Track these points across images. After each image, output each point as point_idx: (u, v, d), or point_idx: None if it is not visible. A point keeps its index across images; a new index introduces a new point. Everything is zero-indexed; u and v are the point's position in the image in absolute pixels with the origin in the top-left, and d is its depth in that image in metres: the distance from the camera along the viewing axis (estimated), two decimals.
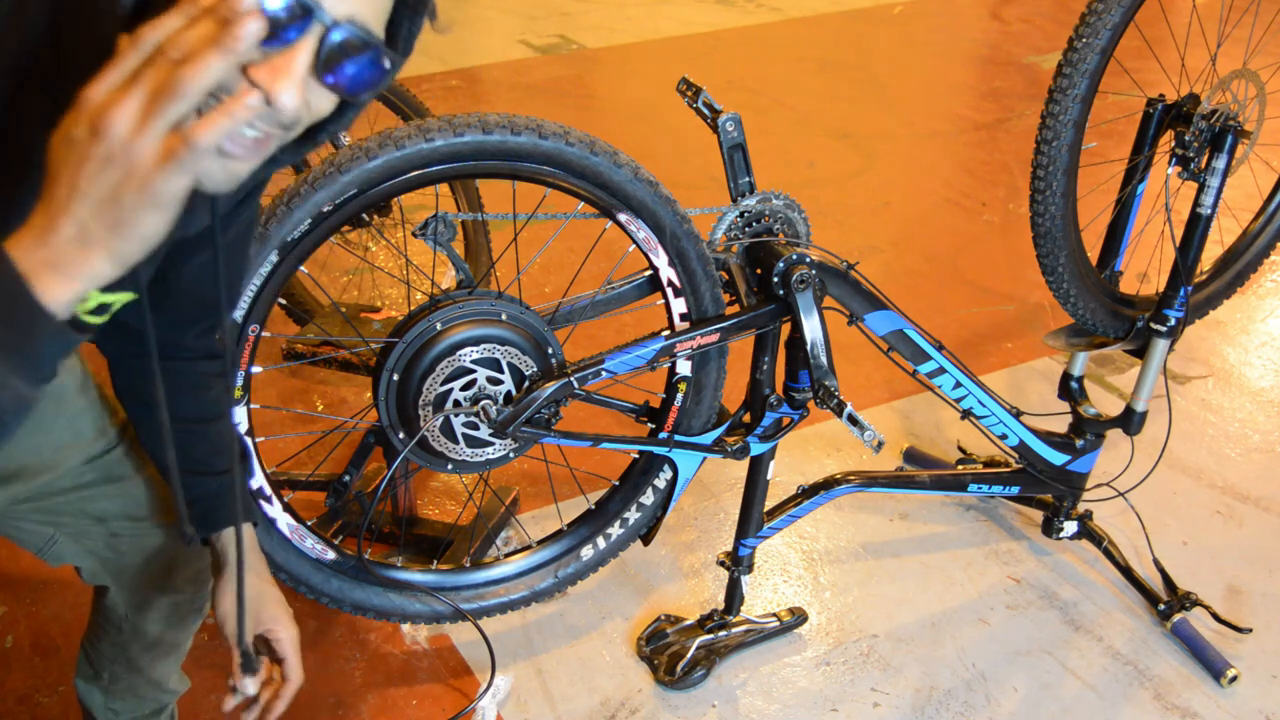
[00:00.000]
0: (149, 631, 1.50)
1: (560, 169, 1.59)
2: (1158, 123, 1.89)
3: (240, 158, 0.89)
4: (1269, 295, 3.23)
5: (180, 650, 1.59)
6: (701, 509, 2.31)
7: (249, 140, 0.89)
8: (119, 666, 1.54)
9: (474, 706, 1.83)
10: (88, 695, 1.59)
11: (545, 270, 3.08)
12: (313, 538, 1.78)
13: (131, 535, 1.40)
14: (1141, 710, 1.89)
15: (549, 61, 4.99)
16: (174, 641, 1.55)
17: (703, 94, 1.72)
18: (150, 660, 1.54)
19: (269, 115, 0.89)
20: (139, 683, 1.57)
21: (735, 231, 1.74)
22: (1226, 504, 2.38)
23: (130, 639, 1.51)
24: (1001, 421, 1.96)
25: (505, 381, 1.63)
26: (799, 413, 1.81)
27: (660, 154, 3.74)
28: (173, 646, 1.56)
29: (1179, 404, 2.68)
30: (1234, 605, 2.11)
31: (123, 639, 1.51)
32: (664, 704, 1.87)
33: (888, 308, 1.79)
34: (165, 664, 1.57)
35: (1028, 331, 2.99)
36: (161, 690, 1.60)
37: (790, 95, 4.63)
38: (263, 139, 0.90)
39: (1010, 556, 2.21)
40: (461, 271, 1.66)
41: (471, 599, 1.90)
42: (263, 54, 0.87)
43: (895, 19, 5.81)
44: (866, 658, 1.97)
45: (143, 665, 1.54)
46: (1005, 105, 4.57)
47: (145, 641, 1.52)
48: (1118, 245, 2.02)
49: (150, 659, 1.54)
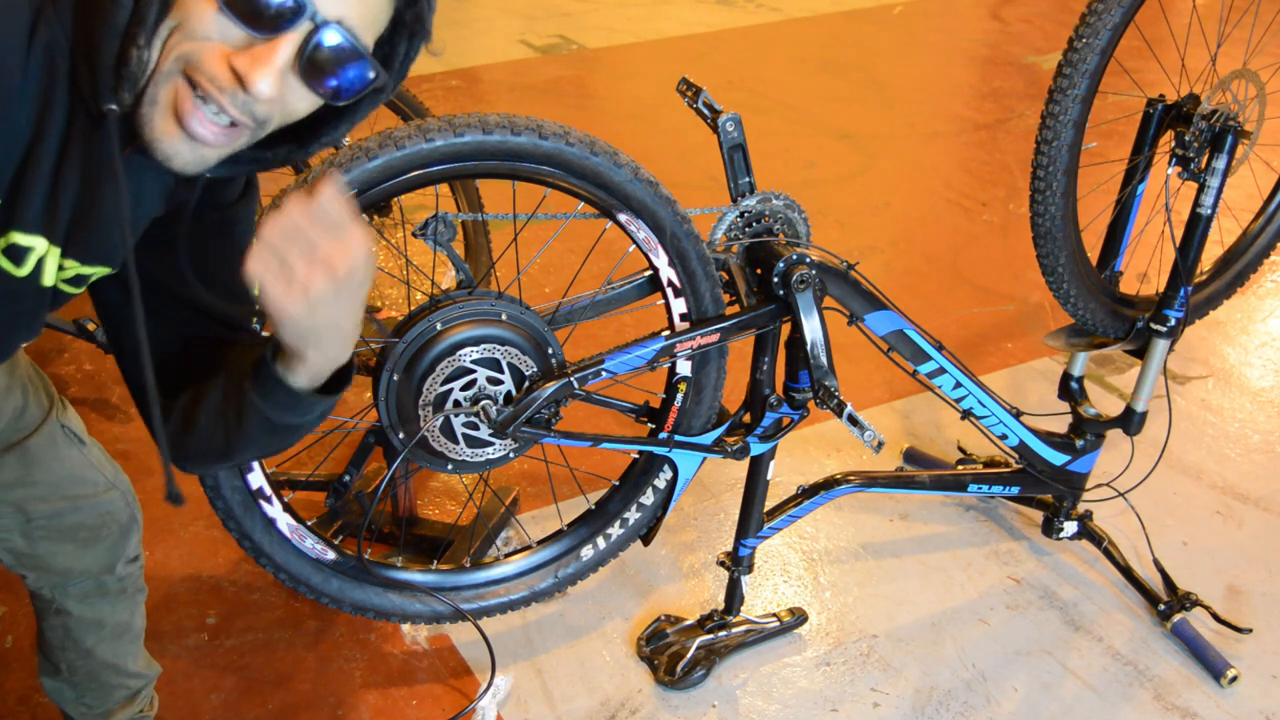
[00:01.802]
0: (82, 613, 1.49)
1: (560, 169, 1.59)
2: (1158, 123, 1.89)
3: (210, 143, 0.93)
4: (1269, 295, 3.23)
5: (131, 630, 1.57)
6: (701, 509, 2.31)
7: (219, 127, 0.92)
8: (70, 654, 1.53)
9: (474, 706, 1.83)
10: (58, 694, 1.59)
11: (545, 270, 3.08)
12: (313, 538, 1.78)
13: (47, 519, 1.39)
14: (1141, 710, 1.89)
15: (549, 62, 4.99)
16: (117, 621, 1.54)
17: (703, 94, 1.72)
18: (97, 642, 1.53)
19: (244, 102, 0.91)
20: (97, 668, 1.55)
21: (735, 232, 1.74)
22: (1226, 504, 2.38)
23: (69, 623, 1.50)
24: (1001, 422, 1.96)
25: (505, 382, 1.63)
26: (799, 413, 1.81)
27: (660, 154, 3.74)
28: (119, 626, 1.54)
29: (1179, 404, 2.68)
30: (1234, 605, 2.11)
31: (61, 623, 1.50)
32: (664, 704, 1.87)
33: (888, 308, 1.79)
34: (117, 645, 1.56)
35: (1028, 331, 2.99)
36: (124, 674, 1.59)
37: (790, 95, 4.63)
38: (234, 128, 0.93)
39: (1010, 556, 2.21)
40: (461, 272, 1.66)
41: (471, 599, 1.90)
42: (248, 42, 0.89)
43: (895, 19, 5.81)
44: (866, 658, 1.97)
45: (92, 648, 1.53)
46: (1005, 105, 4.57)
47: (84, 624, 1.50)
48: (1118, 245, 2.02)
49: (96, 641, 1.53)
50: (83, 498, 1.41)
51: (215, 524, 2.12)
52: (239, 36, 0.90)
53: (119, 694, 1.61)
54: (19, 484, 1.36)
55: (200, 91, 0.91)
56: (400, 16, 0.99)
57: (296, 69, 0.93)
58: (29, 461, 1.36)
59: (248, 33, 0.90)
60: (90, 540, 1.44)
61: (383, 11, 0.97)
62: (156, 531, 2.17)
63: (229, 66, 0.90)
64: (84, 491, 1.41)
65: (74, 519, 1.41)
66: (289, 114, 0.98)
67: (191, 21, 0.89)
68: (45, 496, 1.38)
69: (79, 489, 1.41)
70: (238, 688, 1.86)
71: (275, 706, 1.83)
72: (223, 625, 1.98)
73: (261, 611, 2.01)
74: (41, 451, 1.36)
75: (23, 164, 0.93)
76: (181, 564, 2.11)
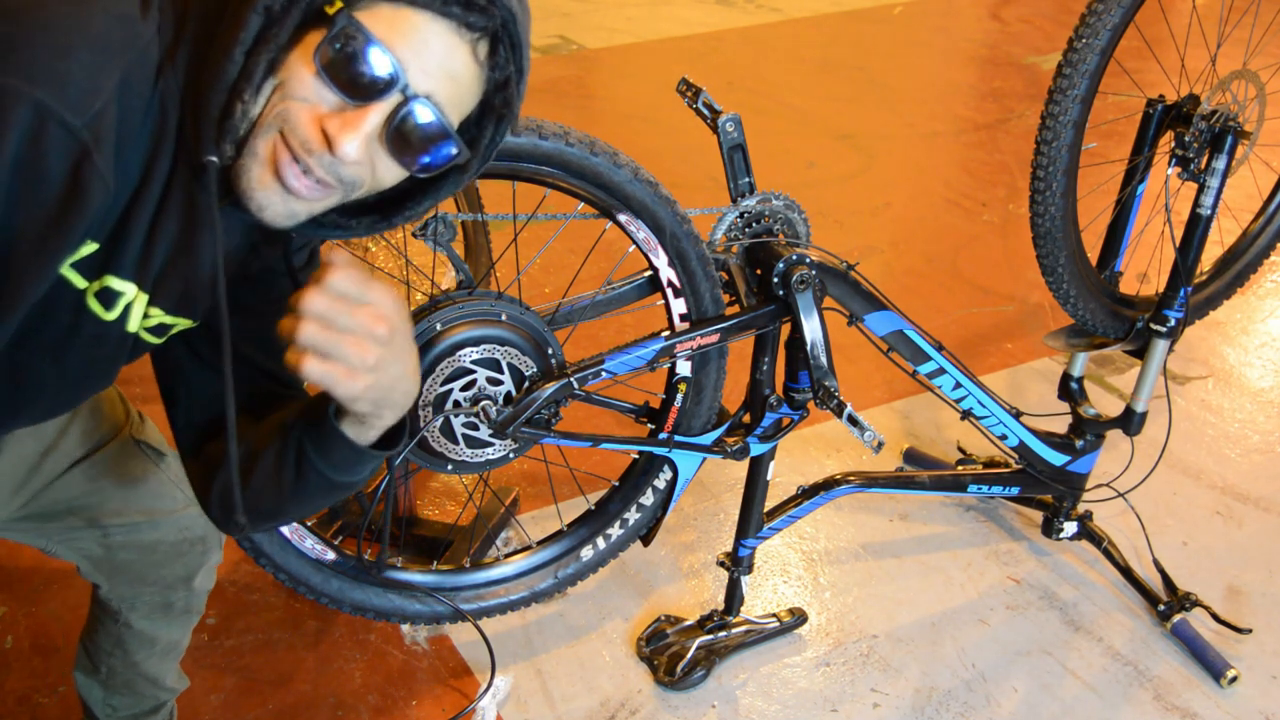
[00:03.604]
0: (142, 628, 1.51)
1: (560, 169, 1.59)
2: (1157, 123, 1.89)
3: (302, 196, 0.98)
4: (1269, 295, 3.23)
5: (178, 649, 1.59)
6: (701, 509, 2.31)
7: (310, 182, 0.96)
8: (115, 660, 1.55)
9: (474, 707, 1.83)
10: (87, 690, 1.59)
11: (545, 270, 3.08)
12: (312, 538, 1.78)
13: (124, 533, 1.40)
14: (1141, 710, 1.89)
15: (549, 62, 4.99)
16: (170, 640, 1.56)
17: (703, 94, 1.72)
18: (146, 656, 1.55)
19: (329, 163, 0.96)
20: (135, 678, 1.57)
21: (735, 232, 1.74)
22: (1226, 504, 2.38)
23: (125, 634, 1.52)
24: (1001, 422, 1.96)
25: (505, 382, 1.63)
26: (799, 413, 1.81)
27: (660, 154, 3.73)
28: (170, 645, 1.57)
29: (1179, 404, 2.68)
30: (1234, 605, 2.11)
31: (118, 632, 1.52)
32: (664, 704, 1.87)
33: (888, 308, 1.79)
34: (162, 662, 1.58)
35: (1028, 331, 2.99)
36: (159, 687, 1.61)
37: (790, 95, 4.63)
38: (324, 185, 0.98)
39: (1010, 557, 2.21)
40: (461, 272, 1.66)
41: (471, 599, 1.90)
42: (341, 107, 0.95)
43: (895, 19, 5.81)
44: (866, 658, 1.97)
45: (139, 660, 1.55)
46: (1005, 105, 4.57)
47: (140, 638, 1.52)
48: (1118, 246, 2.02)
49: (146, 655, 1.55)
50: (160, 513, 1.42)
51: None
52: (334, 101, 0.95)
53: (147, 704, 1.62)
54: (87, 497, 1.37)
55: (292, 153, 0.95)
56: (489, 100, 1.04)
57: (384, 138, 0.97)
58: (96, 476, 1.36)
59: (342, 99, 0.95)
60: (171, 556, 1.45)
61: (472, 94, 1.02)
62: None
63: (320, 128, 0.94)
64: (161, 506, 1.42)
65: (153, 535, 1.42)
66: (377, 182, 1.02)
67: (293, 82, 0.94)
68: (119, 510, 1.39)
69: (156, 503, 1.41)
70: (238, 688, 1.86)
71: (275, 706, 1.83)
72: (223, 625, 1.98)
73: (261, 611, 2.01)
74: (112, 467, 1.37)
75: (127, 209, 0.97)
76: None
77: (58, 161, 0.88)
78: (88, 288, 0.99)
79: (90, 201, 0.92)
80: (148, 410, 1.44)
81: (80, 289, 0.99)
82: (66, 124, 0.87)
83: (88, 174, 0.90)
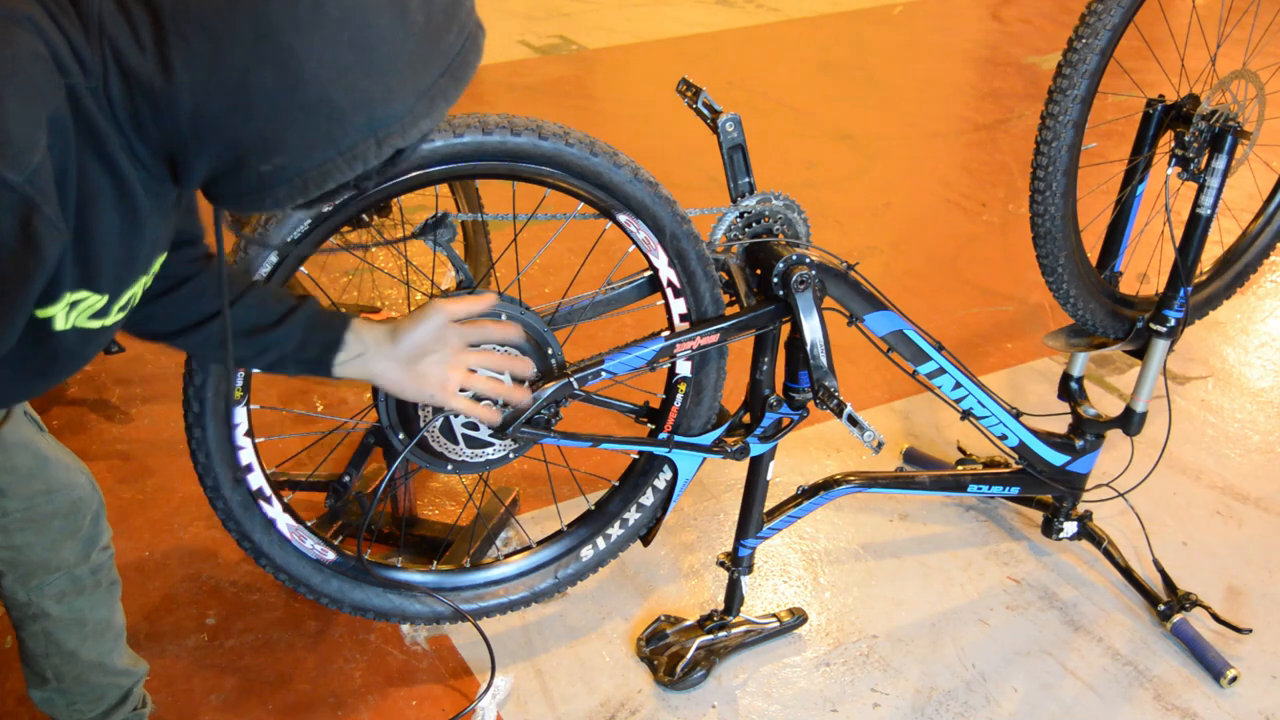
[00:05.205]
0: (61, 613, 1.49)
1: (560, 169, 1.59)
2: (1157, 123, 1.89)
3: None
4: (1269, 295, 3.23)
5: (113, 627, 1.57)
6: (701, 509, 2.31)
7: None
8: (55, 660, 1.53)
9: (474, 707, 1.83)
10: (48, 705, 1.58)
11: (545, 270, 3.08)
12: (312, 538, 1.78)
13: (24, 507, 1.39)
14: (1141, 710, 1.89)
15: (549, 62, 4.99)
16: (98, 619, 1.54)
17: (702, 94, 1.72)
18: (80, 642, 1.53)
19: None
20: (84, 671, 1.55)
21: (735, 232, 1.74)
22: (1226, 504, 2.38)
23: (49, 626, 1.50)
24: (1001, 422, 1.96)
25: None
26: (799, 413, 1.81)
27: (660, 154, 3.73)
28: (100, 624, 1.54)
29: (1179, 404, 2.68)
30: (1234, 605, 2.11)
31: (42, 629, 1.50)
32: (664, 704, 1.87)
33: (887, 308, 1.79)
34: (100, 643, 1.56)
35: (1028, 332, 2.99)
36: (111, 673, 1.59)
37: (790, 96, 4.63)
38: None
39: (1010, 557, 2.21)
40: (461, 272, 1.66)
41: (471, 600, 1.90)
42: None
43: (895, 19, 5.81)
44: (866, 658, 1.97)
45: (75, 650, 1.53)
46: (1005, 105, 4.57)
47: (64, 625, 1.50)
48: (1117, 246, 2.02)
49: (80, 641, 1.53)
50: (55, 481, 1.41)
51: (215, 524, 2.12)
52: None
53: (111, 694, 1.61)
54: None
55: None
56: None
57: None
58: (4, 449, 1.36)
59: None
60: (66, 530, 1.44)
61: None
62: (157, 532, 2.17)
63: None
64: (56, 475, 1.41)
65: (49, 507, 1.41)
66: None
67: None
68: (24, 482, 1.38)
69: (52, 472, 1.41)
70: (238, 688, 1.86)
71: (275, 706, 1.83)
72: (223, 625, 1.98)
73: (261, 612, 2.01)
74: (11, 436, 1.37)
75: (82, 234, 1.01)
76: (181, 564, 2.11)
77: (7, 220, 0.88)
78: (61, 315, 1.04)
79: (47, 252, 0.92)
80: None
81: (60, 329, 1.04)
82: (8, 183, 0.87)
83: (39, 226, 0.90)
